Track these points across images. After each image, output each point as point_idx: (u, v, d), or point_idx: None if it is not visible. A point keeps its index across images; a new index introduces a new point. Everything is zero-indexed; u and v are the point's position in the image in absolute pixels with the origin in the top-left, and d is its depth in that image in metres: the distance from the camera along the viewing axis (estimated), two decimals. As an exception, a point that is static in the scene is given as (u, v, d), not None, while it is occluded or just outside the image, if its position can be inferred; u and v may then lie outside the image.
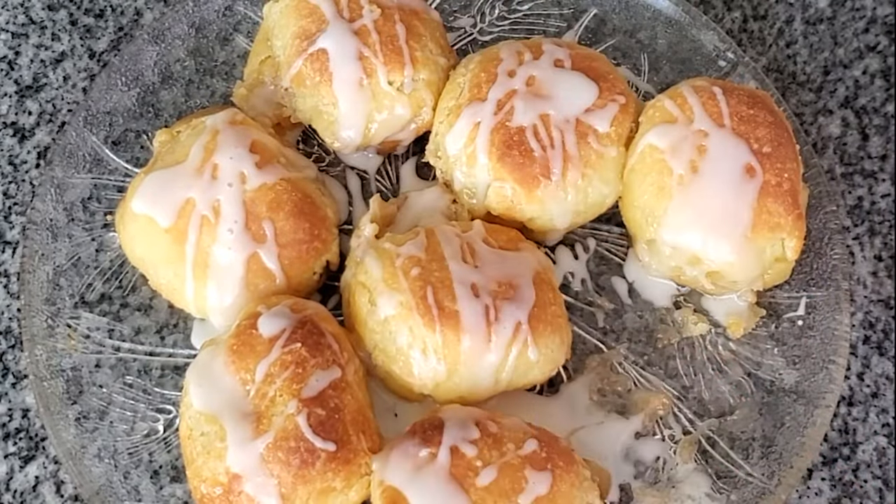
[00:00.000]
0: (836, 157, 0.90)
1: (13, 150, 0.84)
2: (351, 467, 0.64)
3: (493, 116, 0.75)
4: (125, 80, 0.82)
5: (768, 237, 0.72)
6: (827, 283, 0.78)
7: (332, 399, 0.65)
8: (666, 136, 0.75)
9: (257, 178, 0.72)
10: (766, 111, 0.76)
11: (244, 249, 0.71)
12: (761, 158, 0.73)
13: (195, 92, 0.84)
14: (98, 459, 0.70)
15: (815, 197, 0.80)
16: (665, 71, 0.88)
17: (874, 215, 0.87)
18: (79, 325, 0.74)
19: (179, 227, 0.71)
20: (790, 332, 0.77)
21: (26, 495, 0.72)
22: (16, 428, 0.75)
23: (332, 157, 0.84)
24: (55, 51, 0.88)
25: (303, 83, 0.78)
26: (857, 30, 0.95)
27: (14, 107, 0.85)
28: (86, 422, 0.71)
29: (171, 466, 0.71)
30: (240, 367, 0.66)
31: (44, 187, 0.76)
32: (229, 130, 0.74)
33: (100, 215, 0.78)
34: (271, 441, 0.63)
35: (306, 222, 0.73)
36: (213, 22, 0.86)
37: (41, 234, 0.75)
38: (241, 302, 0.71)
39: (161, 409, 0.73)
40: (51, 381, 0.71)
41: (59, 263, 0.75)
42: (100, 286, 0.76)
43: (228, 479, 0.63)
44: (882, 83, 0.93)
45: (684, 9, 0.87)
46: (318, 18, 0.78)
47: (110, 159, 0.80)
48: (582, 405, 0.75)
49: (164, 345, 0.76)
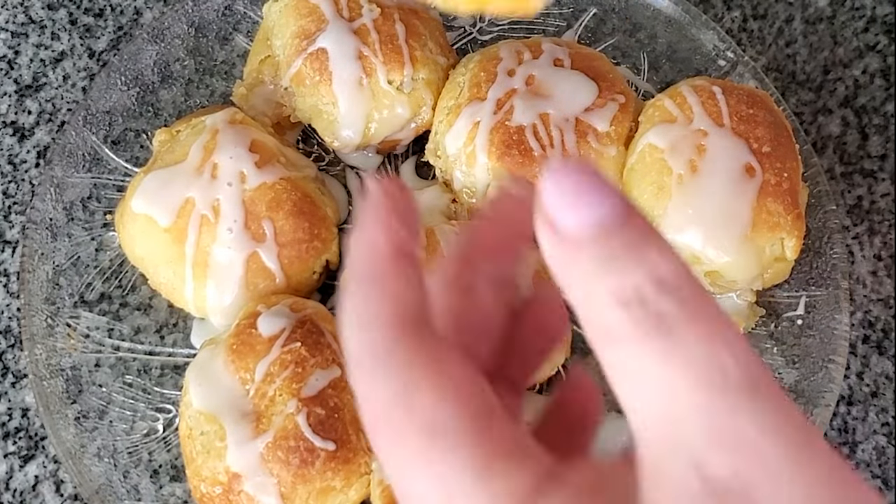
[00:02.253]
0: (835, 156, 0.90)
1: (13, 150, 0.84)
2: (351, 466, 0.65)
3: (493, 116, 0.75)
4: (125, 80, 0.82)
5: (768, 237, 0.72)
6: (826, 282, 0.78)
7: (332, 398, 0.65)
8: (665, 135, 0.74)
9: (257, 177, 0.72)
10: (765, 111, 0.76)
11: (244, 249, 0.71)
12: (761, 158, 0.73)
13: (195, 91, 0.84)
14: (98, 459, 0.70)
15: (815, 196, 0.80)
16: (665, 70, 0.88)
17: (874, 214, 0.87)
18: (78, 325, 0.74)
19: (179, 227, 0.71)
20: (789, 332, 0.77)
21: (26, 494, 0.73)
22: (15, 427, 0.75)
23: (331, 156, 0.84)
24: (55, 50, 0.88)
25: (302, 82, 0.78)
26: (857, 29, 0.95)
27: (13, 106, 0.85)
28: (85, 421, 0.71)
29: (170, 466, 0.71)
30: (239, 367, 0.66)
31: (43, 187, 0.76)
32: (229, 130, 0.74)
33: (99, 215, 0.78)
34: (271, 440, 0.63)
35: (306, 221, 0.73)
36: (212, 21, 0.85)
37: (41, 233, 0.75)
38: (240, 301, 0.71)
39: (161, 408, 0.73)
40: (50, 381, 0.71)
41: (58, 263, 0.75)
42: (99, 285, 0.76)
43: (228, 478, 0.63)
44: (882, 82, 0.93)
45: (684, 8, 0.87)
46: (318, 18, 0.78)
47: (110, 159, 0.80)
48: (581, 405, 0.75)
49: (163, 344, 0.76)
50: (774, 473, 0.24)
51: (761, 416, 0.25)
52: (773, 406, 0.25)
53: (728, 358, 0.25)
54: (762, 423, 0.25)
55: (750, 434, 0.25)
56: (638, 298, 0.26)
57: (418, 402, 0.28)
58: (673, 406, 0.25)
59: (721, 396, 0.25)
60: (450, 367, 0.30)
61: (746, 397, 0.25)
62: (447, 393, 0.29)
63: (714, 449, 0.25)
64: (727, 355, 0.25)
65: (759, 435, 0.25)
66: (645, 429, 0.27)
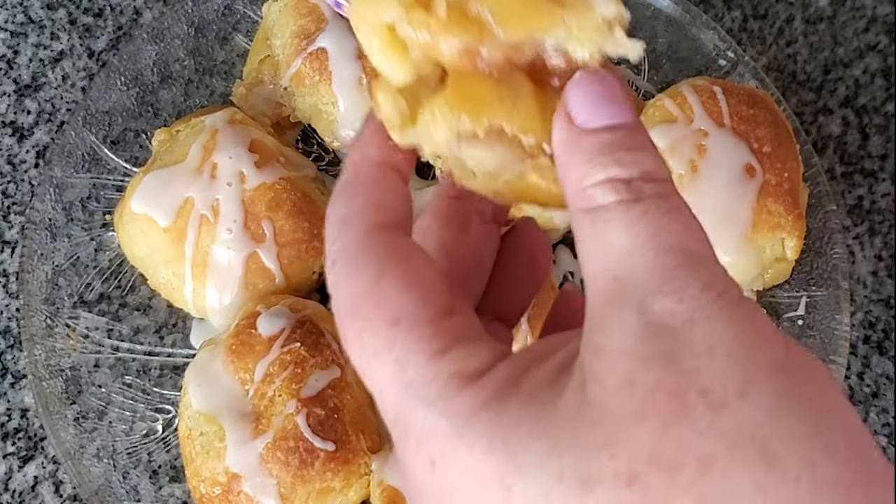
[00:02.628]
0: (836, 156, 0.89)
1: (12, 150, 0.83)
2: (350, 467, 0.64)
3: (493, 116, 0.75)
4: (124, 80, 0.81)
5: (768, 237, 0.72)
6: (827, 282, 0.78)
7: (332, 399, 0.65)
8: (666, 135, 0.74)
9: (256, 177, 0.72)
10: (766, 111, 0.75)
11: (243, 249, 0.71)
12: (761, 158, 0.73)
13: (194, 91, 0.84)
14: (97, 459, 0.69)
15: (815, 196, 0.80)
16: (665, 70, 0.87)
17: (874, 215, 0.87)
18: (77, 325, 0.74)
19: (178, 227, 0.71)
20: (790, 332, 0.77)
21: (25, 495, 0.72)
22: (14, 428, 0.74)
23: (331, 156, 0.83)
24: (54, 50, 0.87)
25: (302, 82, 0.78)
26: (858, 29, 0.95)
27: (13, 106, 0.85)
28: (85, 422, 0.71)
29: (170, 466, 0.71)
30: (239, 367, 0.66)
31: (43, 187, 0.76)
32: (228, 130, 0.74)
33: (99, 215, 0.78)
34: (270, 441, 0.63)
35: (305, 221, 0.73)
36: (212, 21, 0.85)
37: (40, 233, 0.75)
38: (240, 301, 0.71)
39: (160, 408, 0.73)
40: (49, 381, 0.71)
41: (57, 263, 0.75)
42: (99, 286, 0.76)
43: (227, 478, 0.63)
44: (882, 82, 0.93)
45: (684, 8, 0.87)
46: (318, 17, 0.78)
47: (109, 159, 0.80)
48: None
49: (163, 344, 0.76)
50: (708, 316, 0.28)
51: (706, 278, 0.28)
52: (717, 273, 0.29)
53: (688, 232, 0.30)
54: (704, 282, 0.28)
55: (693, 289, 0.28)
56: (626, 182, 0.30)
57: (384, 293, 0.31)
58: (627, 260, 0.29)
59: (674, 256, 0.29)
60: (418, 265, 0.32)
61: (696, 262, 0.29)
62: (412, 287, 0.31)
63: (657, 295, 0.28)
64: (686, 231, 0.29)
65: (700, 291, 0.28)
66: (595, 279, 0.30)
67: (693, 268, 0.28)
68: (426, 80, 0.36)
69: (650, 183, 0.30)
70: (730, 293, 0.28)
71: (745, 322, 0.28)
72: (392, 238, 0.33)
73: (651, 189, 0.30)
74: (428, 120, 0.35)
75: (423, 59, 0.35)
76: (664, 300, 0.28)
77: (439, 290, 0.32)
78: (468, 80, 0.34)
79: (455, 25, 0.33)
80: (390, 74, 0.36)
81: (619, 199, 0.30)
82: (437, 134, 0.35)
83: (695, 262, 0.29)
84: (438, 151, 0.36)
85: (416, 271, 0.32)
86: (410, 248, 0.33)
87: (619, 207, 0.30)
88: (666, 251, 0.29)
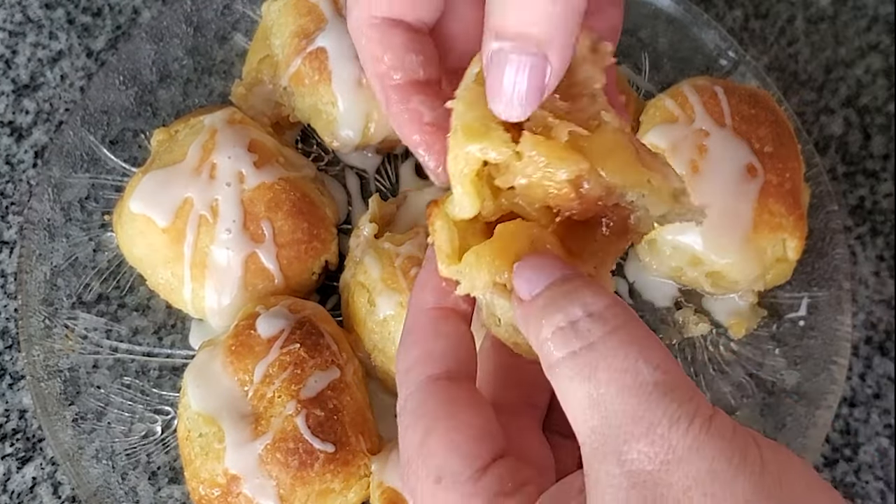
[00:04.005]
0: (837, 156, 0.89)
1: (10, 150, 0.83)
2: (350, 468, 0.64)
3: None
4: (123, 79, 0.81)
5: (769, 237, 0.72)
6: (829, 283, 0.77)
7: (331, 400, 0.65)
8: (667, 135, 0.74)
9: (256, 177, 0.72)
10: (767, 110, 0.75)
11: (242, 249, 0.70)
12: (763, 158, 0.72)
13: (193, 91, 0.84)
14: (96, 461, 0.69)
15: (817, 196, 0.79)
16: (666, 70, 0.87)
17: (876, 215, 0.87)
18: (76, 326, 0.74)
19: (177, 227, 0.71)
20: (792, 333, 0.77)
21: (23, 496, 0.72)
22: (13, 429, 0.74)
23: (330, 156, 0.83)
24: (52, 49, 0.87)
25: (301, 82, 0.77)
26: (859, 28, 0.95)
27: (11, 106, 0.85)
28: (83, 423, 0.70)
29: (169, 468, 0.71)
30: (238, 368, 0.65)
31: (41, 187, 0.76)
32: (227, 130, 0.74)
33: (97, 215, 0.78)
34: (270, 442, 0.63)
35: (305, 222, 0.72)
36: (211, 21, 0.85)
37: (38, 233, 0.75)
38: (239, 302, 0.71)
39: (159, 410, 0.73)
40: (48, 382, 0.70)
41: (56, 263, 0.75)
42: (97, 286, 0.76)
43: (227, 480, 0.63)
44: (884, 82, 0.93)
45: (685, 7, 0.86)
46: (317, 17, 0.77)
47: (108, 158, 0.79)
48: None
49: (161, 345, 0.75)
50: (681, 456, 0.30)
51: (670, 411, 0.31)
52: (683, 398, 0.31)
53: (642, 363, 0.31)
54: (670, 417, 0.30)
55: (661, 427, 0.30)
56: (571, 326, 0.33)
57: (429, 452, 0.35)
58: (598, 411, 0.31)
59: (636, 397, 0.31)
60: (466, 418, 0.36)
61: (660, 394, 0.31)
62: (456, 443, 0.35)
63: (631, 441, 0.30)
64: (642, 361, 0.32)
65: (668, 428, 0.30)
66: (579, 433, 0.33)
67: (658, 402, 0.31)
68: (474, 225, 0.40)
69: (596, 321, 0.33)
70: (698, 420, 0.31)
71: (717, 453, 0.30)
72: (443, 391, 0.37)
73: (599, 329, 0.32)
74: (472, 262, 0.38)
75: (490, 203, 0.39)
76: (638, 445, 0.30)
77: (486, 439, 0.36)
78: (513, 236, 0.38)
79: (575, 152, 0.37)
80: (462, 205, 0.39)
81: (570, 350, 0.33)
82: (478, 277, 0.38)
83: (658, 395, 0.31)
84: (474, 292, 0.39)
85: (463, 425, 0.36)
86: (461, 399, 0.37)
87: (575, 362, 0.32)
88: (629, 394, 0.31)
